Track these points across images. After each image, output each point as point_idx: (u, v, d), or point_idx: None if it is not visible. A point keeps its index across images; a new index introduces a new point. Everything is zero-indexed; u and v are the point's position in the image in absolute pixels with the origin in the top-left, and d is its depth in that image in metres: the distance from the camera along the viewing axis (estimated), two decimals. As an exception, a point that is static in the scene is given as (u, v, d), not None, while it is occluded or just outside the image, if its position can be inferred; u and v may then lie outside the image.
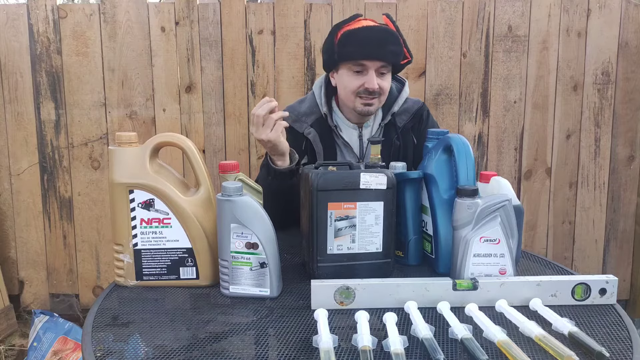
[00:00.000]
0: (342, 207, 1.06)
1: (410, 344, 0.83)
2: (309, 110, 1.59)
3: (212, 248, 1.09)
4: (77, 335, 2.17)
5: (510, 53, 2.29)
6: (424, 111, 1.65)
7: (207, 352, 0.82)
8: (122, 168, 1.08)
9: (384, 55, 1.46)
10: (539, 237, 2.43)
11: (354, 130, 1.60)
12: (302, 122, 1.58)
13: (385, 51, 1.46)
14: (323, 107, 1.57)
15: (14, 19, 2.22)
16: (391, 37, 1.47)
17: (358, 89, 1.48)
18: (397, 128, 1.59)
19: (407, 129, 1.61)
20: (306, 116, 1.58)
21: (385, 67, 1.48)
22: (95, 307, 1.01)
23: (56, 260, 2.38)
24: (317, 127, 1.57)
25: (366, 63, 1.46)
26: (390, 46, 1.47)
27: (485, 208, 1.01)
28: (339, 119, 1.60)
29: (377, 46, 1.45)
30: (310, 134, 1.56)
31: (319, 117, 1.58)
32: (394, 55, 1.49)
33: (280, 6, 2.22)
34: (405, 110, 1.61)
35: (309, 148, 1.57)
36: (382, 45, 1.46)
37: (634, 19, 2.30)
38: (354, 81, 1.48)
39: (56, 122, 2.28)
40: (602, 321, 0.93)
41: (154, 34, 2.23)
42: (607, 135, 2.37)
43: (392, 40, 1.47)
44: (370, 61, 1.46)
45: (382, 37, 1.46)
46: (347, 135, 1.59)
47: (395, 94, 1.62)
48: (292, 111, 1.59)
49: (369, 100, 1.49)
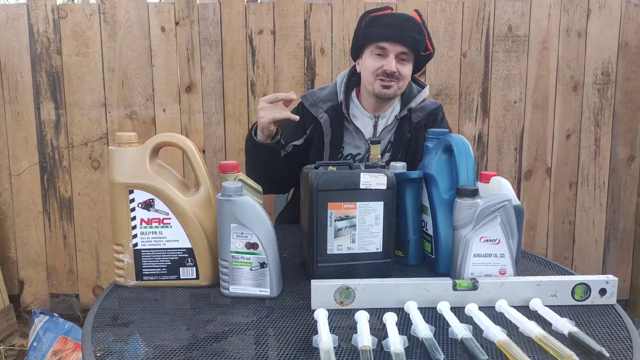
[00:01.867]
0: (342, 207, 1.06)
1: (410, 344, 0.83)
2: (327, 97, 1.68)
3: (212, 248, 1.09)
4: (77, 335, 2.17)
5: (510, 53, 2.29)
6: (440, 112, 1.71)
7: (207, 352, 0.82)
8: (122, 168, 1.08)
9: (405, 40, 1.52)
10: (539, 237, 2.43)
11: (369, 120, 1.67)
12: (317, 107, 1.67)
13: (406, 36, 1.52)
14: (341, 95, 1.65)
15: (14, 19, 2.22)
16: (414, 25, 1.55)
17: (377, 70, 1.55)
18: (411, 123, 1.65)
19: (421, 126, 1.67)
20: (323, 102, 1.67)
21: (406, 54, 1.55)
22: (95, 307, 1.01)
23: (56, 260, 2.38)
24: (331, 113, 1.65)
25: (387, 46, 1.53)
26: (412, 33, 1.53)
27: (485, 208, 1.01)
28: (356, 108, 1.68)
29: (399, 30, 1.52)
30: (323, 118, 1.64)
31: (335, 104, 1.66)
32: (415, 42, 1.54)
33: (280, 6, 2.22)
34: (422, 108, 1.68)
35: (318, 132, 1.64)
36: (403, 30, 1.52)
37: (634, 19, 2.30)
38: (374, 63, 1.55)
39: (56, 122, 2.28)
40: (602, 321, 0.93)
41: (154, 34, 2.23)
42: (607, 135, 2.37)
43: (415, 28, 1.54)
44: (390, 44, 1.52)
45: (404, 24, 1.54)
46: (361, 123, 1.66)
47: (414, 92, 1.69)
48: (312, 95, 1.70)
49: (387, 83, 1.55)
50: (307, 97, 1.70)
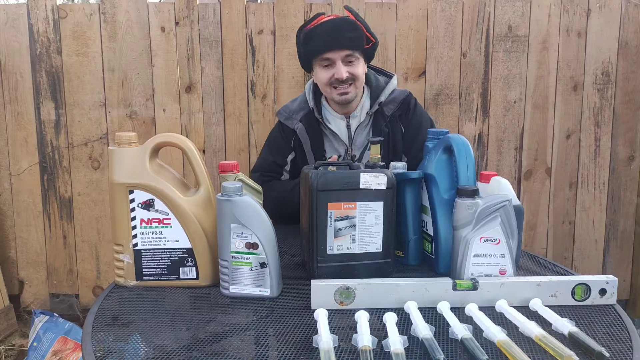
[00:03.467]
0: (342, 207, 1.06)
1: (410, 344, 0.83)
2: (299, 107, 1.72)
3: (212, 248, 1.09)
4: (77, 335, 2.17)
5: (510, 53, 2.28)
6: (411, 99, 1.72)
7: (207, 352, 0.82)
8: (122, 168, 1.08)
9: (343, 44, 1.55)
10: (539, 237, 2.43)
11: (341, 121, 1.69)
12: (292, 119, 1.70)
13: (342, 39, 1.55)
14: (310, 102, 1.69)
15: (14, 19, 2.22)
16: (347, 25, 1.56)
17: (329, 80, 1.58)
18: (385, 117, 1.67)
19: (395, 118, 1.68)
20: (296, 113, 1.71)
21: (351, 55, 1.56)
22: (95, 307, 1.01)
23: (56, 260, 2.38)
24: (305, 121, 1.68)
25: (330, 55, 1.56)
26: (347, 34, 1.55)
27: (485, 208, 1.01)
28: (328, 112, 1.71)
29: (334, 37, 1.55)
30: (298, 128, 1.68)
31: (307, 112, 1.70)
32: (353, 41, 1.56)
33: (280, 6, 2.22)
34: (393, 99, 1.69)
35: (297, 142, 1.69)
36: (339, 35, 1.54)
37: (634, 19, 2.30)
38: (325, 74, 1.59)
39: (56, 122, 2.28)
40: (602, 321, 0.93)
41: (154, 34, 2.23)
42: (607, 135, 2.37)
43: (348, 27, 1.56)
44: (332, 52, 1.55)
45: (337, 28, 1.55)
46: (335, 125, 1.69)
47: (382, 85, 1.70)
48: (285, 110, 1.73)
49: (343, 90, 1.59)
50: (281, 113, 1.74)
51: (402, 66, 2.26)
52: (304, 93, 1.74)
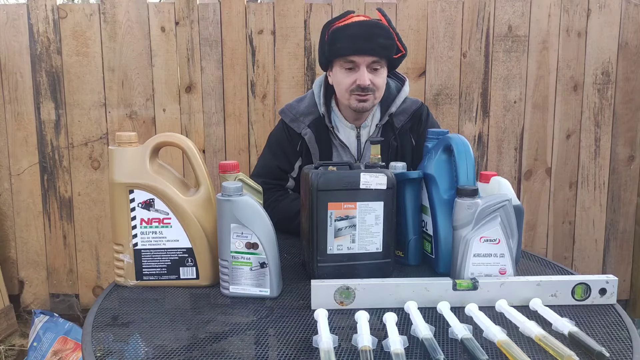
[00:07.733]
0: (342, 207, 1.06)
1: (410, 344, 0.83)
2: (307, 110, 1.57)
3: (212, 248, 1.09)
4: (77, 335, 2.17)
5: (510, 53, 2.29)
6: (423, 111, 1.61)
7: (207, 352, 0.82)
8: (122, 168, 1.08)
9: (373, 50, 1.43)
10: (539, 237, 2.43)
11: (351, 131, 1.58)
12: (299, 122, 1.56)
13: (374, 45, 1.42)
14: (321, 107, 1.56)
15: (14, 19, 2.22)
16: (380, 31, 1.44)
17: (351, 86, 1.46)
18: (394, 129, 1.56)
19: (405, 130, 1.58)
20: (304, 116, 1.57)
21: (378, 62, 1.45)
22: (95, 307, 1.01)
23: (56, 260, 2.38)
24: (314, 128, 1.55)
25: (356, 59, 1.43)
26: (380, 40, 1.43)
27: (485, 208, 1.01)
28: (337, 119, 1.58)
29: (366, 41, 1.42)
30: (307, 135, 1.55)
31: (317, 117, 1.56)
32: (384, 49, 1.45)
33: (280, 6, 2.22)
34: (404, 110, 1.58)
35: (305, 148, 1.56)
36: (371, 40, 1.43)
37: (634, 19, 2.30)
38: (346, 78, 1.47)
39: (56, 122, 2.28)
40: (602, 321, 0.93)
41: (154, 34, 2.23)
42: (607, 135, 2.37)
43: (382, 33, 1.44)
44: (359, 56, 1.43)
45: (370, 32, 1.43)
46: (344, 135, 1.57)
47: (394, 93, 1.59)
48: (291, 110, 1.59)
49: (362, 97, 1.47)
50: (285, 113, 1.60)
51: (402, 66, 2.23)
52: (312, 94, 1.60)
